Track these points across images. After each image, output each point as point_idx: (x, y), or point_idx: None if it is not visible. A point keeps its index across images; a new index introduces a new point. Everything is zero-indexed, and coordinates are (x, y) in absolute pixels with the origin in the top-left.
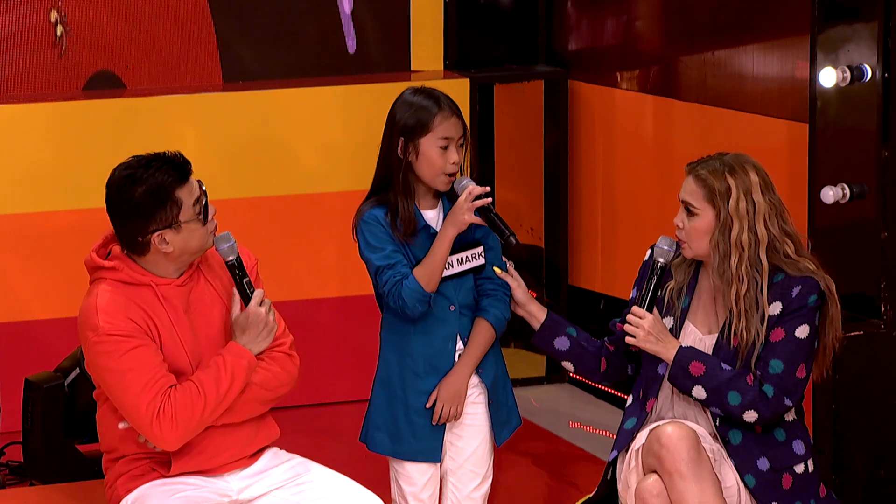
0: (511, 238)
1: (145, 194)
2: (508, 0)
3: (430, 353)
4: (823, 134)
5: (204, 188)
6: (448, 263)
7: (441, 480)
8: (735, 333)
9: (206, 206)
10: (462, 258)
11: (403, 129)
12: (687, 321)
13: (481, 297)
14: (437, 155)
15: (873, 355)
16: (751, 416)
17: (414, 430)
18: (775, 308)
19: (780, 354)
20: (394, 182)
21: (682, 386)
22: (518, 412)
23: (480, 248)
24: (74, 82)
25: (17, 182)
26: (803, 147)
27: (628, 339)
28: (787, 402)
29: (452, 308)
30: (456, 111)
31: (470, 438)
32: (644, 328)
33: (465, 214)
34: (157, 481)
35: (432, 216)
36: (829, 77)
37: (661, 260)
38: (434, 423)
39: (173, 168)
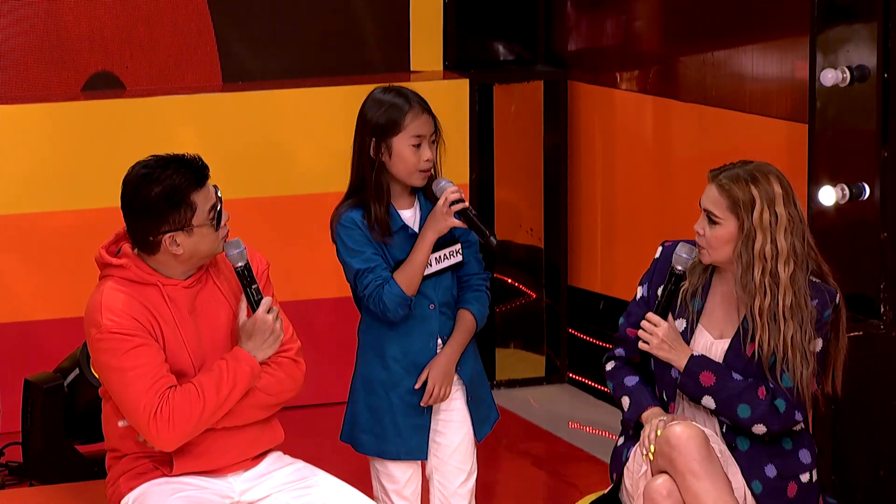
0: (492, 238)
1: (160, 195)
2: (508, 0)
3: (411, 353)
4: (823, 134)
5: (220, 194)
6: (426, 262)
7: (427, 479)
8: (760, 345)
9: (220, 211)
10: (440, 256)
11: (374, 128)
12: (699, 325)
13: (465, 290)
14: (411, 153)
15: (873, 355)
16: (760, 429)
17: (399, 429)
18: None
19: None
20: (366, 183)
21: (692, 394)
22: (496, 407)
23: (458, 246)
24: (74, 83)
25: (16, 183)
26: (803, 147)
27: (641, 346)
28: (798, 416)
29: (432, 307)
30: (426, 108)
31: (452, 435)
32: (658, 336)
33: (444, 219)
34: (158, 480)
35: (409, 216)
36: (828, 77)
37: (680, 268)
38: (423, 405)
39: (191, 171)
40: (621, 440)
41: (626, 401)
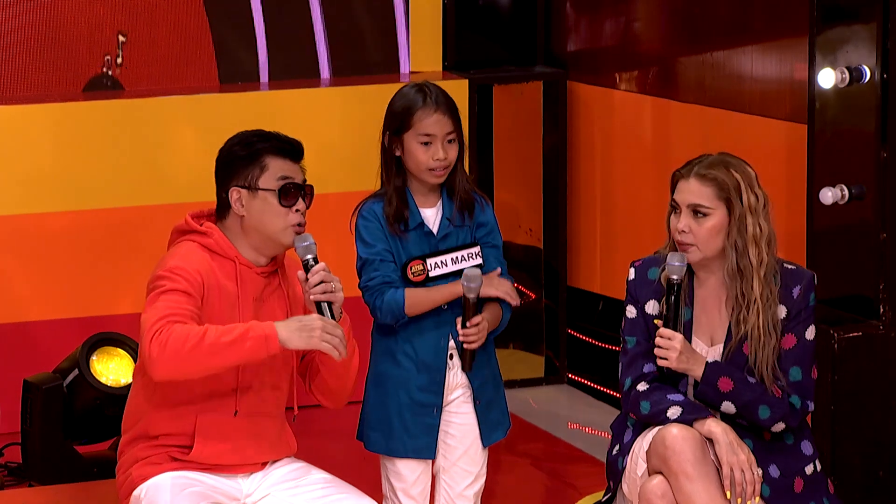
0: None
1: (238, 146)
2: (507, 1)
3: (422, 351)
4: (822, 135)
5: (308, 185)
6: (442, 262)
7: (434, 478)
8: (751, 333)
9: (293, 191)
10: (457, 257)
11: (390, 124)
12: (692, 335)
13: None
14: (421, 151)
15: (872, 356)
16: (779, 427)
17: (407, 428)
18: (781, 311)
19: (796, 361)
20: (386, 175)
21: (711, 401)
22: (509, 417)
23: (477, 248)
24: (74, 83)
25: (16, 183)
26: (802, 148)
27: (661, 363)
28: (810, 406)
29: (445, 307)
30: (442, 107)
31: (462, 437)
32: (676, 349)
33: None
34: (172, 473)
35: (430, 214)
36: (827, 78)
37: (675, 276)
38: (460, 333)
39: (278, 140)
40: (616, 448)
41: (675, 410)
